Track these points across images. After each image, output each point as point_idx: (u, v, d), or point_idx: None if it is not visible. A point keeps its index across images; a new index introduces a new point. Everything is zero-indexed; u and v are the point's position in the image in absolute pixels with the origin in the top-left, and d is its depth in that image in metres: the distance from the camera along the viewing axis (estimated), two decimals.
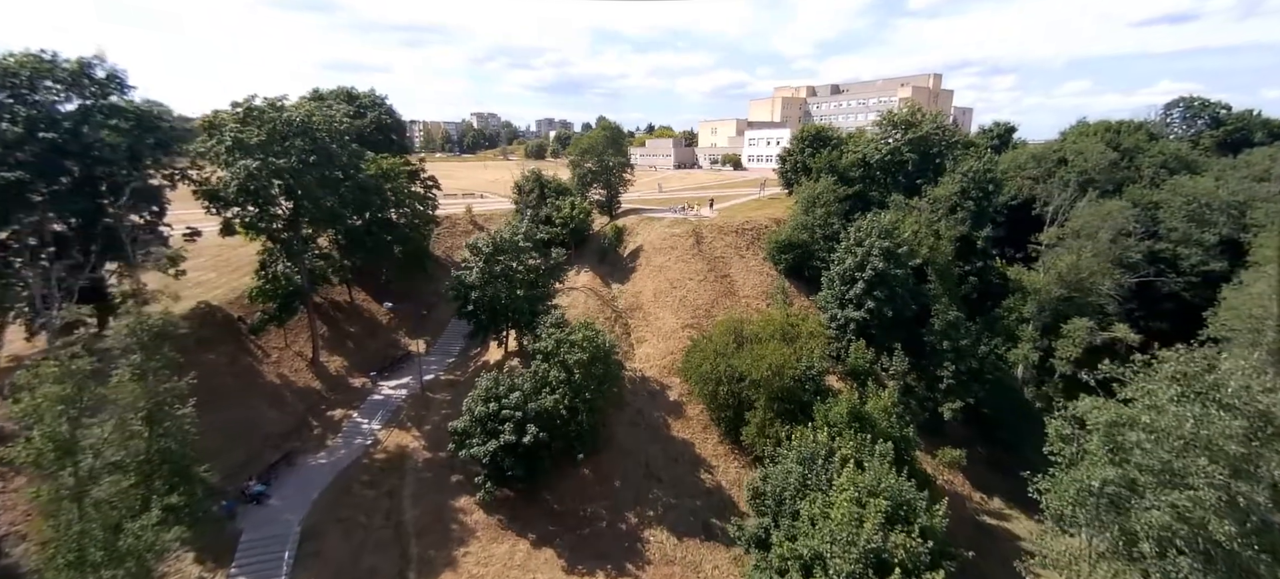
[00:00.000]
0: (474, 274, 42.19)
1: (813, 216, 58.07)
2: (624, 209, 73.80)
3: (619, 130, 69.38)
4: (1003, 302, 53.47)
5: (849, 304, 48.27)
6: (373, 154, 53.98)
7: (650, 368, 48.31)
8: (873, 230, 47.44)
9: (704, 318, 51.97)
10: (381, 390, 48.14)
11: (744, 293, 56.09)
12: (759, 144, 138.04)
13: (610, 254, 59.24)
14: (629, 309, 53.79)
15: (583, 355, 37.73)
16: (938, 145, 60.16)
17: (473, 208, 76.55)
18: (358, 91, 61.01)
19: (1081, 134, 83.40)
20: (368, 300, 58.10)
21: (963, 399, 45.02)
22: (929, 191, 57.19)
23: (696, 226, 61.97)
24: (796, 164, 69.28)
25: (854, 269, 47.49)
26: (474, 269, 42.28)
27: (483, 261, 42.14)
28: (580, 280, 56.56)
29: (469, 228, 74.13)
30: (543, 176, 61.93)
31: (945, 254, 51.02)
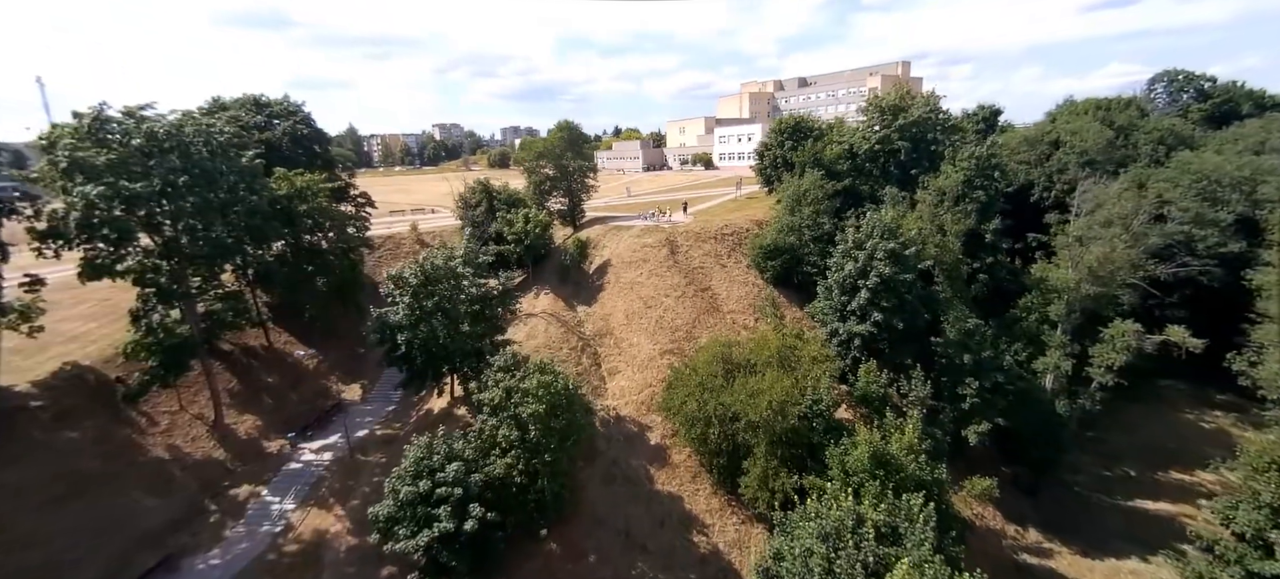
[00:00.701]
0: (400, 311, 34.29)
1: (799, 216, 51.56)
2: (589, 218, 66.39)
3: (578, 130, 61.98)
4: (1018, 301, 47.60)
5: (851, 316, 41.71)
6: (285, 170, 45.50)
7: (626, 405, 40.95)
8: (875, 230, 40.96)
9: (685, 340, 44.86)
10: (302, 455, 39.71)
11: (729, 307, 49.17)
12: (730, 141, 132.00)
13: (574, 271, 51.75)
14: (598, 335, 46.35)
15: (539, 406, 30.21)
16: (932, 131, 54.31)
17: (418, 225, 68.17)
18: (268, 98, 52.38)
19: (1072, 114, 79.01)
20: (292, 343, 49.42)
21: (988, 420, 38.73)
22: (927, 182, 51.14)
23: (670, 234, 54.90)
24: (776, 159, 62.80)
25: (855, 276, 40.94)
26: (400, 305, 34.37)
27: (410, 295, 34.25)
28: (539, 305, 48.91)
29: (415, 248, 65.77)
30: (491, 186, 54.12)
31: (953, 252, 44.87)
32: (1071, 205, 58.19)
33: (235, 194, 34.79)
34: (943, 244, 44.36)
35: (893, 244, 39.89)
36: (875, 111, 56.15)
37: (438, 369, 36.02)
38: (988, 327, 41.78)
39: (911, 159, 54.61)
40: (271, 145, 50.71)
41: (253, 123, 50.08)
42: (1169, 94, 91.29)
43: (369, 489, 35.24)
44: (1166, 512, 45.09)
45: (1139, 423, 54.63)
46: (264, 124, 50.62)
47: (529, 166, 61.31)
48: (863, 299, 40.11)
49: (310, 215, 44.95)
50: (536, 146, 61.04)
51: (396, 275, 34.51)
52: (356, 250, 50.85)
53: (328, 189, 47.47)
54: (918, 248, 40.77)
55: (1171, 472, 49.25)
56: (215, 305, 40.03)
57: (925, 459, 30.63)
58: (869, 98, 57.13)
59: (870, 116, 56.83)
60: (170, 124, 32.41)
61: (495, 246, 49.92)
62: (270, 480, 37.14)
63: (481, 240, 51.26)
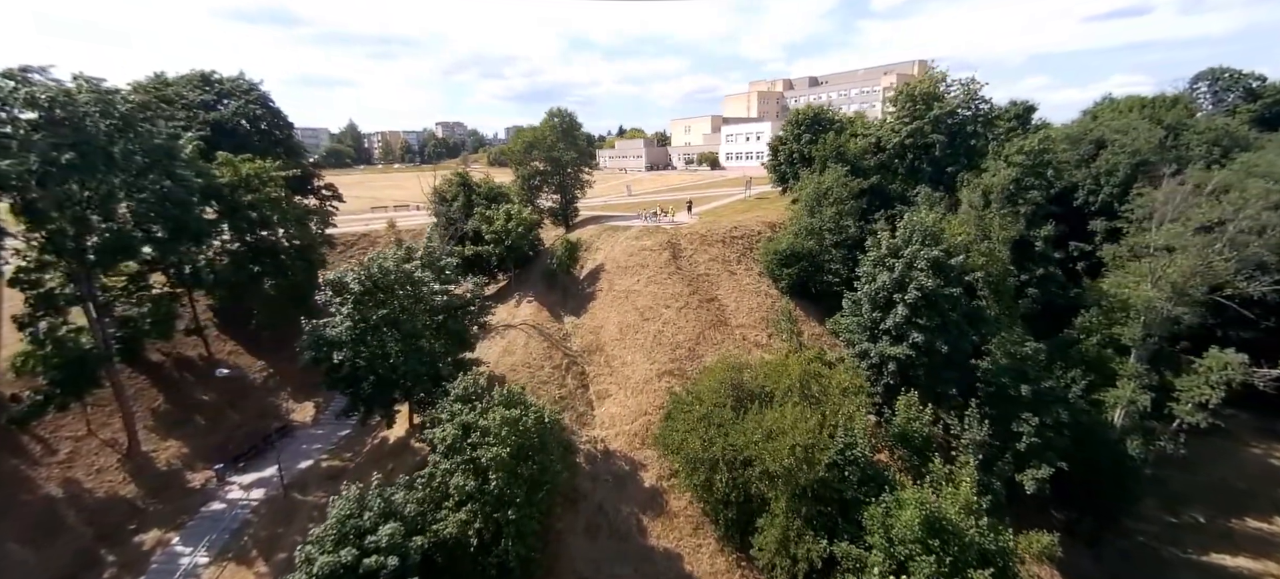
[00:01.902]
0: (340, 324, 28.03)
1: (820, 218, 45.19)
2: (583, 217, 60.17)
3: (572, 119, 55.74)
4: (1074, 321, 41.09)
5: (884, 336, 35.28)
6: (229, 155, 39.36)
7: (616, 436, 34.61)
8: (914, 235, 34.57)
9: (687, 360, 38.52)
10: (229, 491, 33.49)
11: (738, 321, 42.79)
12: (737, 140, 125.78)
13: (561, 277, 45.43)
14: (586, 351, 40.02)
15: (502, 449, 23.93)
16: (971, 123, 47.85)
17: (397, 222, 61.98)
18: (220, 76, 46.33)
19: (1114, 111, 72.33)
20: (239, 353, 43.26)
21: (1050, 464, 32.25)
22: (966, 180, 44.73)
23: (672, 236, 48.57)
24: (792, 154, 56.42)
25: (890, 289, 34.53)
26: (340, 315, 28.11)
27: (353, 304, 27.99)
28: (520, 314, 42.60)
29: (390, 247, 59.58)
30: (470, 178, 47.85)
31: (1002, 262, 38.43)
32: (1122, 211, 51.79)
33: (144, 178, 28.57)
34: (990, 252, 37.91)
35: (936, 251, 33.49)
36: (905, 100, 49.76)
37: (388, 395, 29.70)
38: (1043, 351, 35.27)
39: (946, 154, 48.17)
40: (220, 127, 44.58)
41: (197, 101, 43.99)
42: (1213, 93, 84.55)
43: (302, 538, 29.00)
44: (1247, 570, 38.58)
45: (1202, 459, 47.84)
46: (211, 103, 44.52)
47: (517, 159, 55.09)
48: (899, 316, 33.67)
49: (257, 207, 38.75)
50: (526, 137, 54.83)
51: (336, 279, 28.25)
52: (317, 249, 44.61)
53: (281, 178, 41.28)
54: (963, 257, 34.30)
55: (1246, 519, 42.63)
56: (134, 311, 33.84)
57: (987, 522, 24.21)
58: (899, 85, 50.67)
59: (900, 106, 50.43)
60: (58, 90, 26.20)
61: (472, 247, 43.65)
62: (185, 524, 30.89)
63: (456, 239, 45.05)
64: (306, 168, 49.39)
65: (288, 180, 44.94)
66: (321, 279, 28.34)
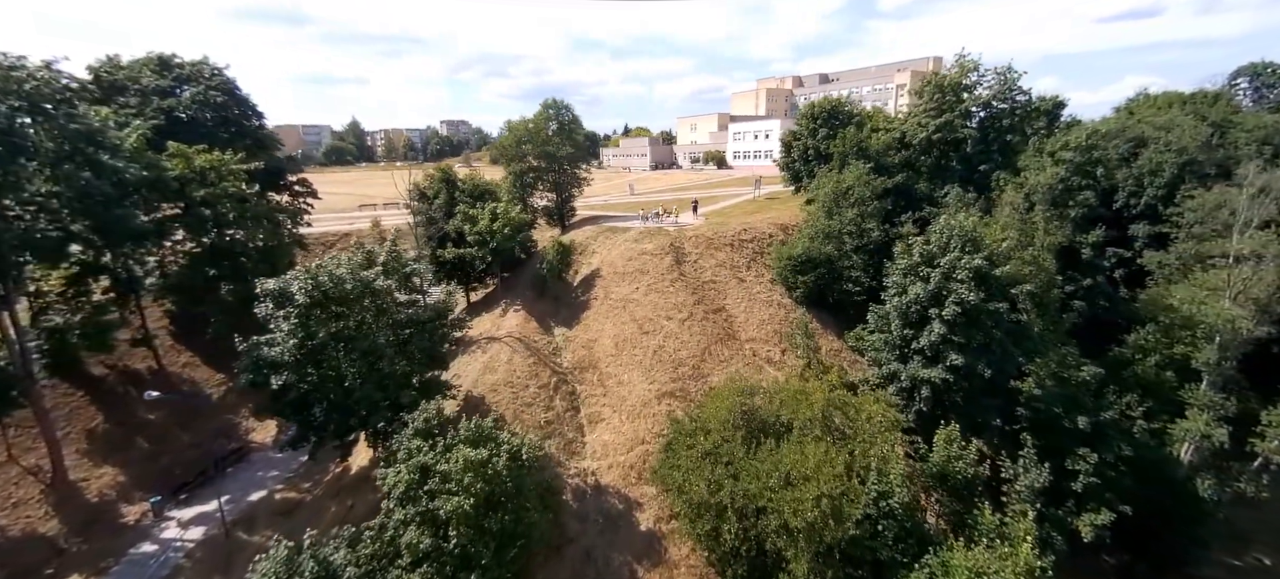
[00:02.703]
0: (282, 341, 23.81)
1: (840, 220, 40.77)
2: (580, 217, 55.95)
3: (569, 111, 51.49)
4: (1127, 338, 36.49)
5: (916, 356, 30.84)
6: (182, 146, 35.26)
7: (609, 468, 30.28)
8: (953, 240, 30.11)
9: (691, 379, 34.17)
10: (165, 528, 29.39)
11: (748, 334, 38.39)
12: (745, 138, 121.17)
13: (553, 283, 41.11)
14: (578, 368, 35.72)
15: (466, 500, 19.68)
16: (1008, 116, 43.24)
17: (382, 221, 57.85)
18: (181, 59, 42.29)
19: (1152, 107, 67.56)
20: (195, 365, 39.22)
21: (1111, 508, 27.73)
22: (1002, 180, 40.20)
23: (675, 239, 44.20)
24: (807, 150, 51.94)
25: (925, 302, 30.05)
26: (282, 331, 23.90)
27: (296, 319, 23.78)
28: (506, 325, 38.31)
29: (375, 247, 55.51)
30: (454, 173, 43.59)
31: (1048, 271, 33.90)
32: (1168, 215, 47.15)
33: (57, 168, 24.46)
34: (1035, 260, 33.38)
35: (978, 260, 29.00)
36: (933, 91, 45.20)
37: (343, 425, 25.44)
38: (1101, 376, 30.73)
39: (978, 151, 43.58)
40: (177, 116, 40.51)
41: (152, 88, 39.95)
42: (1254, 90, 79.44)
43: None
44: None
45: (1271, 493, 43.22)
46: (168, 89, 40.47)
47: (509, 154, 50.84)
48: (935, 335, 29.19)
49: (212, 204, 34.66)
50: (518, 130, 50.56)
51: (277, 288, 24.00)
52: (285, 250, 40.51)
53: (242, 172, 37.17)
54: (1008, 266, 29.80)
55: None
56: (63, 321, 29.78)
57: None
58: (926, 76, 46.11)
59: (926, 98, 45.87)
60: None
61: (454, 250, 39.42)
62: (108, 571, 26.76)
63: (437, 240, 40.83)
64: (278, 162, 45.24)
65: (253, 175, 40.89)
66: (259, 288, 24.02)
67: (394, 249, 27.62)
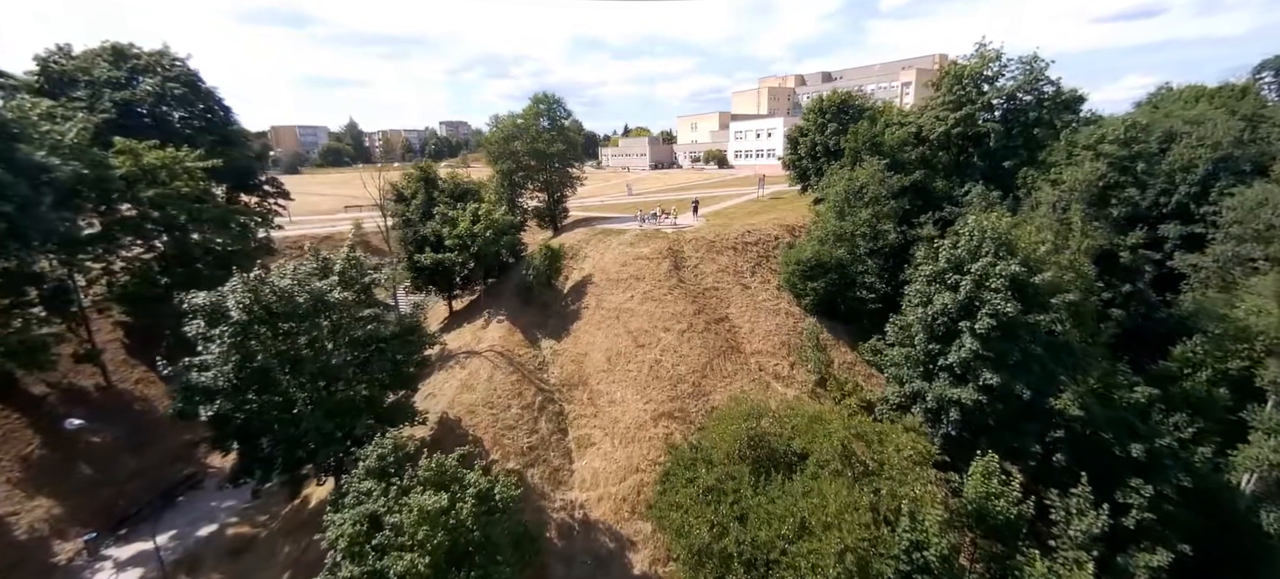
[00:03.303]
0: (215, 364, 20.51)
1: (852, 221, 37.48)
2: (574, 219, 52.72)
3: (562, 105, 48.25)
4: (1174, 350, 33.09)
5: (943, 373, 27.52)
6: (129, 141, 32.05)
7: (599, 502, 26.99)
8: (985, 244, 26.80)
9: (691, 398, 30.87)
10: (98, 571, 26.11)
11: (753, 346, 35.06)
12: (747, 137, 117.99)
13: (540, 291, 37.78)
14: (566, 385, 32.41)
15: (422, 558, 16.36)
16: (1035, 109, 39.89)
17: (363, 223, 54.62)
18: (138, 49, 39.06)
19: (1178, 101, 64.19)
20: (149, 381, 35.95)
21: (1170, 548, 24.35)
22: (1030, 178, 36.89)
23: (674, 242, 40.89)
24: (815, 147, 48.62)
25: (954, 313, 26.72)
26: (216, 352, 20.59)
27: (234, 335, 20.48)
28: (488, 337, 34.98)
29: None
30: (433, 173, 40.27)
31: (1087, 278, 30.58)
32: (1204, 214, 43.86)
33: None
34: (1073, 265, 30.04)
35: (1015, 267, 25.68)
36: (951, 83, 41.86)
37: (292, 458, 22.11)
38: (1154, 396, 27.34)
39: (1003, 146, 40.23)
40: (133, 109, 37.30)
41: (104, 79, 36.73)
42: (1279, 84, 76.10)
43: None
44: None
45: None
46: (123, 81, 37.24)
47: (496, 151, 47.62)
48: (966, 350, 25.83)
49: (162, 205, 31.44)
50: (506, 126, 47.32)
51: (207, 304, 20.70)
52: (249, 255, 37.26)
53: (200, 171, 33.93)
54: (1048, 273, 26.43)
55: None
56: None
57: None
58: (944, 66, 42.78)
59: (945, 89, 42.54)
60: None
61: (432, 255, 36.14)
62: None
63: (415, 245, 37.55)
64: (247, 161, 42.01)
65: (218, 174, 37.71)
66: (186, 301, 20.77)
67: (353, 256, 24.30)
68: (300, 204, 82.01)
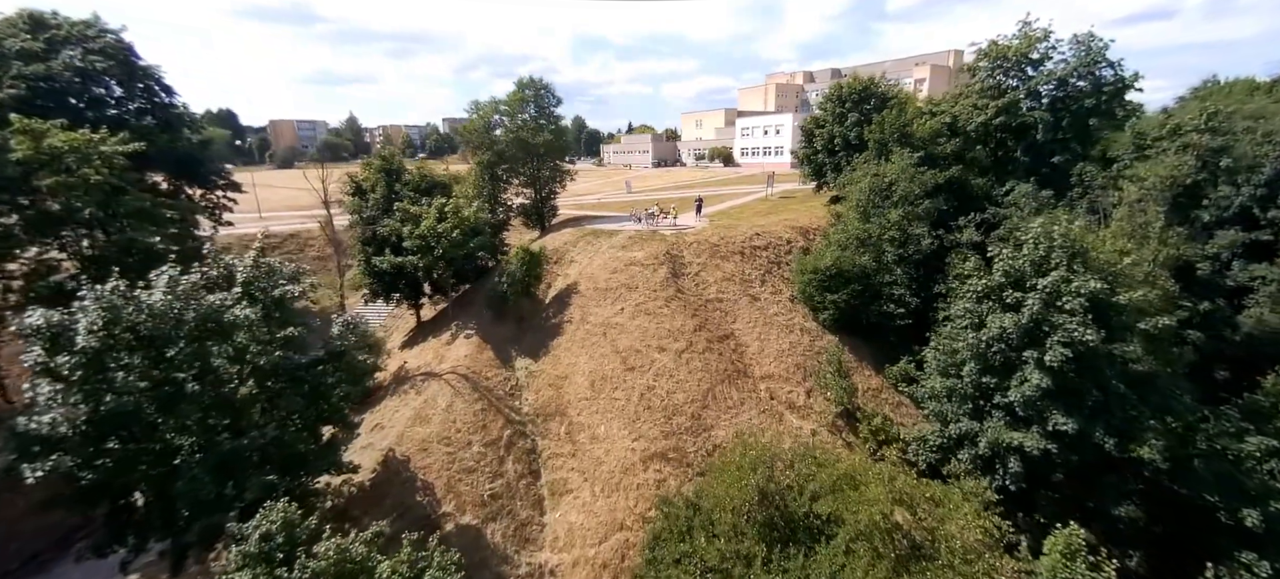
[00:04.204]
0: (51, 407, 15.53)
1: (879, 223, 32.32)
2: (564, 218, 47.68)
3: (550, 92, 43.18)
4: (1264, 381, 27.74)
5: (997, 412, 22.36)
6: (27, 120, 27.12)
7: (575, 568, 21.90)
8: (1054, 253, 21.61)
9: (689, 434, 25.74)
10: None
11: (763, 368, 29.89)
12: (754, 134, 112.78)
13: (515, 302, 32.65)
14: (541, 416, 27.33)
15: None
16: (1092, 96, 34.60)
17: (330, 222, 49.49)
18: (60, 19, 34.22)
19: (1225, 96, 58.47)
20: None
21: None
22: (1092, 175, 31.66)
23: (673, 246, 35.76)
24: (832, 140, 43.41)
25: (1017, 342, 21.53)
26: (46, 392, 15.60)
27: (83, 367, 15.47)
28: (453, 354, 29.92)
29: (324, 252, 47.43)
30: (397, 164, 35.23)
31: (1170, 294, 25.32)
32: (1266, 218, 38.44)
33: None
34: (1150, 279, 24.78)
35: (1095, 283, 20.48)
36: (991, 65, 36.57)
37: (172, 524, 17.08)
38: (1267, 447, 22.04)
39: (1052, 139, 34.93)
40: (54, 87, 32.39)
41: (16, 50, 31.82)
42: None
43: None
44: None
45: None
46: (42, 51, 32.37)
47: (476, 141, 42.64)
48: (1032, 386, 20.64)
49: (62, 192, 26.53)
50: (487, 112, 42.28)
51: (46, 325, 15.69)
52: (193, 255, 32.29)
53: (119, 157, 28.99)
54: (1139, 293, 21.24)
55: None
56: None
57: None
58: (985, 45, 37.39)
59: (983, 74, 37.26)
60: None
61: (392, 258, 31.11)
62: None
63: (374, 246, 32.54)
64: (188, 149, 37.08)
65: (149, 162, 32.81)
66: (15, 325, 15.85)
67: (263, 262, 19.23)
68: (280, 198, 77.40)
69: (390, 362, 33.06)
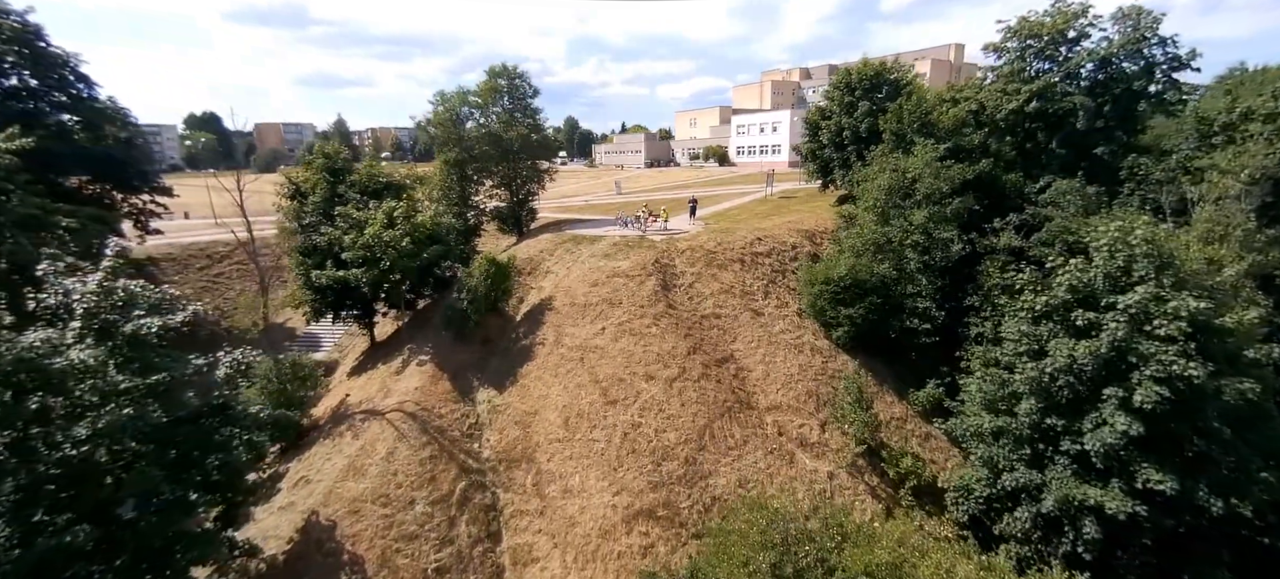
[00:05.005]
0: None
1: (900, 226, 27.90)
2: (543, 222, 43.13)
3: (525, 82, 38.67)
4: None
5: (1061, 460, 17.93)
6: None
7: None
8: (1139, 265, 17.20)
9: (682, 483, 21.20)
10: None
11: (769, 398, 25.36)
12: (750, 132, 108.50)
13: (478, 322, 27.97)
14: (505, 461, 22.75)
15: None
16: (1142, 77, 30.30)
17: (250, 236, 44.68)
18: None
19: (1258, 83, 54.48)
20: None
21: None
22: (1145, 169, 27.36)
23: (663, 253, 31.22)
24: (841, 133, 38.99)
25: (1096, 372, 17.09)
26: None
27: None
28: (401, 387, 25.28)
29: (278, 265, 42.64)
30: (342, 163, 30.58)
31: (1260, 309, 20.89)
32: None
33: None
34: (1241, 291, 20.40)
35: (1196, 303, 16.10)
36: (1023, 45, 32.21)
37: None
38: None
39: (1094, 127, 30.56)
40: None
41: None
42: None
43: None
44: None
45: None
46: None
47: (442, 137, 38.10)
48: (1117, 432, 16.22)
49: None
50: (454, 105, 37.68)
51: None
52: None
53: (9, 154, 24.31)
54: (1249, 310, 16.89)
55: None
56: None
57: None
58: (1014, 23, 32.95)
59: (1012, 54, 32.91)
60: None
61: (333, 272, 26.47)
62: None
63: (314, 258, 27.88)
64: (105, 150, 32.37)
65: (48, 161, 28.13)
66: None
67: (107, 283, 14.62)
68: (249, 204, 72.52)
69: (331, 393, 28.40)
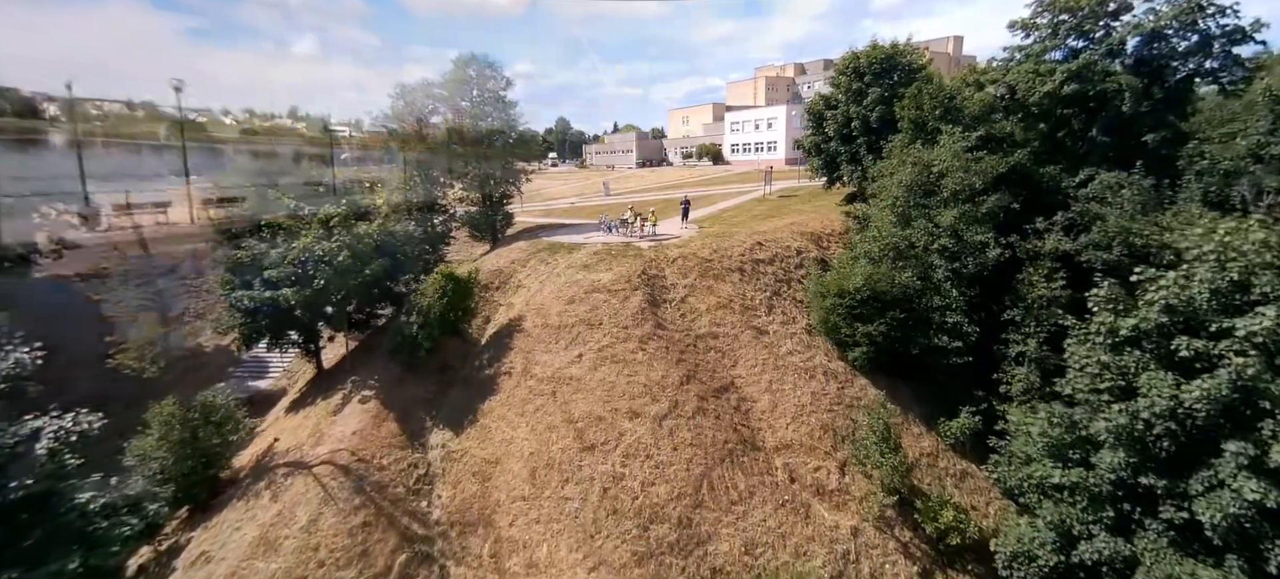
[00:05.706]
0: None
1: (924, 228, 23.98)
2: (521, 228, 39.02)
3: (497, 72, 34.63)
4: None
5: (1153, 526, 13.93)
6: None
7: None
8: (1262, 273, 13.25)
9: (676, 552, 17.13)
10: None
11: (778, 436, 21.30)
12: (745, 129, 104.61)
13: (431, 346, 23.79)
14: (459, 525, 18.63)
15: None
16: (1197, 54, 26.43)
17: None
18: None
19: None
20: None
21: None
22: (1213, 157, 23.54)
23: (651, 262, 27.12)
24: (849, 123, 35.02)
25: (1210, 418, 13.11)
26: None
27: None
28: (335, 431, 21.10)
29: None
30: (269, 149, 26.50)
31: None
32: None
33: None
34: None
35: None
36: (1057, 20, 28.28)
37: None
38: None
39: (1140, 110, 26.65)
40: None
41: None
42: None
43: None
44: None
45: None
46: None
47: (403, 135, 33.98)
48: (1243, 502, 12.25)
49: None
50: (415, 98, 33.56)
51: None
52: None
53: None
54: None
55: None
56: None
57: None
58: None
59: (1044, 28, 28.97)
60: None
61: (259, 292, 22.31)
62: None
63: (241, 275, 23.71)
64: None
65: None
66: None
67: None
68: None
69: (264, 434, 24.16)
